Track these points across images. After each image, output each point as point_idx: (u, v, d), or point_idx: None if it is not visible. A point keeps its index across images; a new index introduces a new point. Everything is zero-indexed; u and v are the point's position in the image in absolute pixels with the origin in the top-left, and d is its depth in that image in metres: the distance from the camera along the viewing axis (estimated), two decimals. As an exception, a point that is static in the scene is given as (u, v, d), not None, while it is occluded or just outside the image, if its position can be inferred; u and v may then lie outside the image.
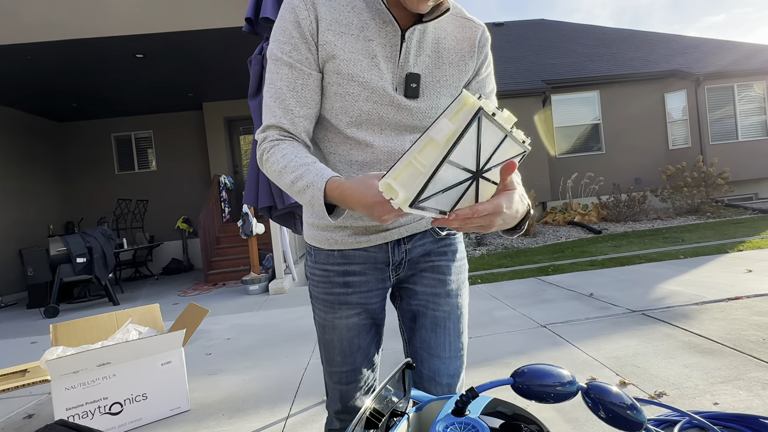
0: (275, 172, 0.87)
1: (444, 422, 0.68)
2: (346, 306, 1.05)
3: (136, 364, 2.27)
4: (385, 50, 0.91)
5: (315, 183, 0.80)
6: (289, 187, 0.85)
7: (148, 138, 10.04)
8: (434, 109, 0.96)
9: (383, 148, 0.94)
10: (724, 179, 9.15)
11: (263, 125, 0.91)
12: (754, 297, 3.43)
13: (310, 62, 0.89)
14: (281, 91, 0.89)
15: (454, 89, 0.97)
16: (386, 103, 0.92)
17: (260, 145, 0.92)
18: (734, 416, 1.75)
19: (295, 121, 0.91)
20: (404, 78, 0.92)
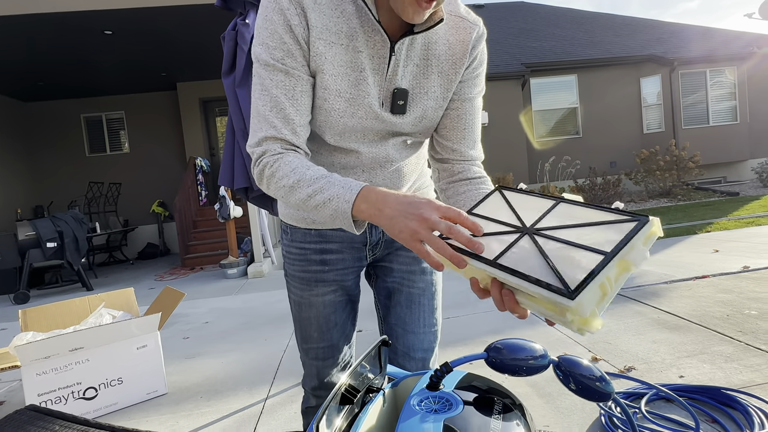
0: (284, 188, 0.79)
1: (418, 396, 0.68)
2: (323, 283, 1.05)
3: (110, 349, 2.23)
4: (372, 62, 0.85)
5: (341, 195, 0.73)
6: (305, 201, 0.77)
7: (120, 119, 9.72)
8: (419, 120, 0.93)
9: (368, 153, 0.94)
10: (695, 163, 9.40)
11: (259, 137, 0.82)
12: (720, 276, 3.56)
13: (305, 68, 0.83)
14: (278, 99, 0.82)
15: (441, 99, 0.92)
16: (371, 118, 0.89)
17: (259, 160, 0.83)
18: (698, 388, 1.83)
19: (297, 131, 0.84)
20: (391, 93, 0.87)
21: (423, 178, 1.11)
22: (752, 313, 2.67)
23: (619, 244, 0.55)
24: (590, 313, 0.53)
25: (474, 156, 0.98)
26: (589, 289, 0.53)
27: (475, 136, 0.97)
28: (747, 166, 10.98)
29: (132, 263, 8.61)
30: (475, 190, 0.94)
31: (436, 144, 0.98)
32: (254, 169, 0.84)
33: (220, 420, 2.05)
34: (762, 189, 9.48)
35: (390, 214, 0.68)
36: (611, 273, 0.54)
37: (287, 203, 0.81)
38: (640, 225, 0.56)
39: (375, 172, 0.97)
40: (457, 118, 0.94)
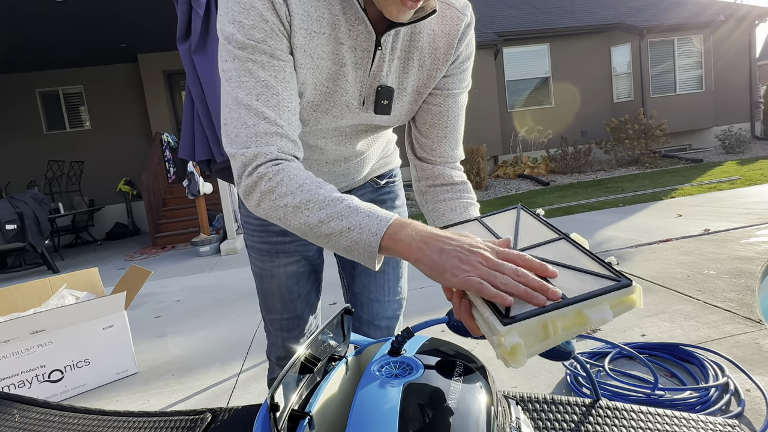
0: (286, 207, 0.65)
1: (380, 362, 0.67)
2: (284, 254, 1.03)
3: (74, 330, 2.17)
4: (355, 55, 0.75)
5: (366, 225, 0.61)
6: (314, 227, 0.64)
7: (79, 94, 9.25)
8: (397, 119, 0.86)
9: (334, 150, 0.88)
10: (662, 131, 9.61)
11: (246, 135, 0.67)
12: (682, 239, 3.69)
13: (289, 49, 0.71)
14: (268, 83, 0.68)
15: (419, 95, 0.84)
16: (348, 117, 0.81)
17: (251, 168, 0.67)
18: (658, 345, 1.91)
19: (293, 123, 0.70)
20: (375, 90, 0.79)
21: (388, 145, 1.08)
22: (710, 273, 2.78)
23: (584, 295, 0.51)
24: (516, 347, 0.50)
25: (455, 157, 0.91)
26: (526, 324, 0.50)
27: (457, 135, 0.89)
28: (711, 134, 11.30)
29: (100, 244, 8.37)
30: (456, 198, 0.88)
31: (416, 141, 0.91)
32: (242, 180, 0.67)
33: (192, 396, 2.03)
34: (724, 155, 9.81)
35: (440, 248, 0.55)
36: (562, 320, 0.51)
37: (286, 226, 0.67)
38: (617, 286, 0.52)
39: (339, 164, 0.93)
40: (439, 115, 0.86)
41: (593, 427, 0.75)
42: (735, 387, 1.57)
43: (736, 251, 3.16)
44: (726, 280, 2.64)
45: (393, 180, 1.11)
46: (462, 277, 0.52)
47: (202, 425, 0.88)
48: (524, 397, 0.86)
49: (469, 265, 0.53)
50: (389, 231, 0.60)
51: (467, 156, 8.89)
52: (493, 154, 10.52)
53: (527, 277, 0.52)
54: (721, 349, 1.85)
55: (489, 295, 0.51)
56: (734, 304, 2.28)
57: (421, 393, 0.60)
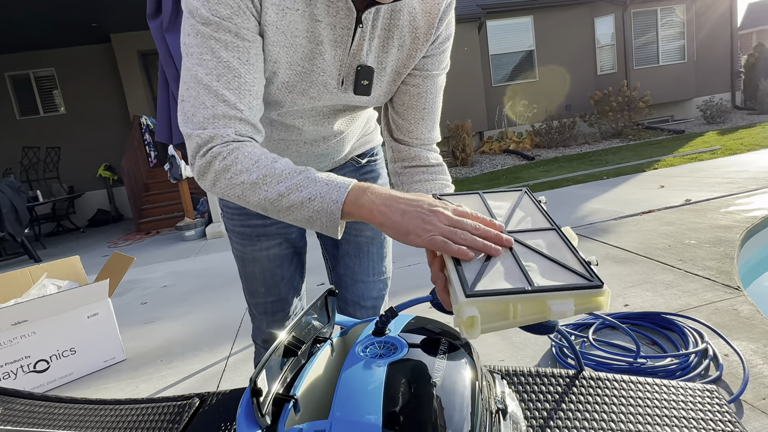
0: (243, 184, 0.64)
1: (363, 343, 0.67)
2: (265, 237, 1.01)
3: (58, 320, 2.14)
4: (334, 33, 0.71)
5: (326, 194, 0.61)
6: (273, 201, 0.63)
7: (51, 77, 8.93)
8: (376, 99, 0.83)
9: (312, 130, 0.85)
10: (645, 103, 9.66)
11: (203, 116, 0.64)
12: (664, 209, 3.75)
13: (257, 29, 0.67)
14: (230, 64, 0.64)
15: (398, 76, 0.81)
16: (326, 98, 0.78)
17: (205, 149, 0.65)
18: (640, 314, 1.95)
19: (254, 106, 0.68)
20: (354, 70, 0.76)
21: (368, 123, 1.05)
22: (691, 243, 2.84)
23: (553, 287, 0.52)
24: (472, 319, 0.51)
25: (432, 139, 0.89)
26: (487, 300, 0.51)
27: (434, 117, 0.88)
28: (693, 105, 11.39)
29: (83, 231, 8.22)
30: (431, 180, 0.87)
31: (393, 122, 0.88)
32: (196, 160, 0.66)
33: (182, 381, 2.03)
34: (705, 126, 9.92)
35: (402, 210, 0.57)
36: (524, 305, 0.52)
37: (245, 203, 0.66)
38: (587, 285, 0.52)
39: (317, 144, 0.90)
40: (417, 96, 0.83)
41: (577, 397, 0.76)
42: (714, 352, 1.62)
43: (716, 220, 3.22)
44: (706, 248, 2.69)
45: (375, 158, 1.09)
46: (426, 237, 0.55)
47: (190, 410, 0.88)
48: (509, 371, 0.87)
49: (431, 224, 0.55)
50: (349, 197, 0.60)
51: (453, 132, 8.85)
52: (478, 130, 10.49)
53: (484, 230, 0.55)
54: (701, 316, 1.90)
55: (452, 251, 0.54)
56: (714, 272, 2.34)
57: (405, 372, 0.60)
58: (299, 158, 0.91)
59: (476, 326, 0.52)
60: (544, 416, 0.73)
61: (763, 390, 1.41)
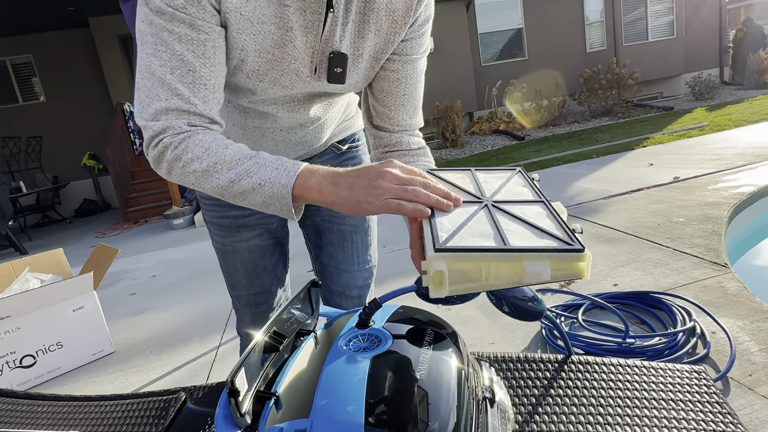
0: (195, 173, 0.63)
1: (347, 336, 0.65)
2: (245, 228, 0.98)
3: (42, 314, 2.10)
4: (304, 18, 0.68)
5: (276, 179, 0.61)
6: (226, 188, 0.63)
7: (29, 64, 8.67)
8: (353, 86, 0.79)
9: (287, 117, 0.82)
10: (635, 80, 9.63)
11: (156, 108, 0.63)
12: (653, 187, 3.76)
13: (215, 19, 0.64)
14: (184, 57, 0.62)
15: (376, 62, 0.78)
16: (299, 87, 0.75)
17: (157, 139, 0.64)
18: (629, 294, 1.96)
19: (209, 100, 0.65)
20: (327, 57, 0.73)
21: (349, 108, 1.02)
22: (680, 221, 2.85)
23: (528, 248, 0.50)
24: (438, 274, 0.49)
25: (413, 125, 0.86)
26: (456, 256, 0.49)
27: (415, 102, 0.85)
28: (681, 81, 11.38)
29: (69, 222, 8.10)
30: (413, 162, 0.84)
31: (372, 109, 0.85)
32: (150, 150, 0.65)
33: (172, 372, 2.02)
34: (694, 102, 9.93)
35: (349, 183, 0.57)
36: (497, 266, 0.50)
37: (202, 190, 0.66)
38: (565, 248, 0.50)
39: (294, 131, 0.87)
40: (396, 82, 0.80)
41: (565, 382, 0.75)
42: (701, 330, 1.63)
43: (704, 197, 3.23)
44: (694, 226, 2.70)
45: (356, 144, 1.06)
46: (378, 203, 0.55)
47: (176, 405, 0.86)
48: (497, 357, 0.86)
49: (381, 188, 0.55)
50: (298, 181, 0.60)
51: (442, 113, 8.77)
52: (468, 111, 10.41)
53: (434, 186, 0.56)
54: (689, 294, 1.91)
55: (407, 211, 0.54)
56: (702, 250, 2.35)
57: (389, 366, 0.58)
58: (276, 146, 0.87)
59: (444, 284, 0.49)
60: (532, 402, 0.73)
61: (750, 367, 1.42)
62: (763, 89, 10.01)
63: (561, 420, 0.68)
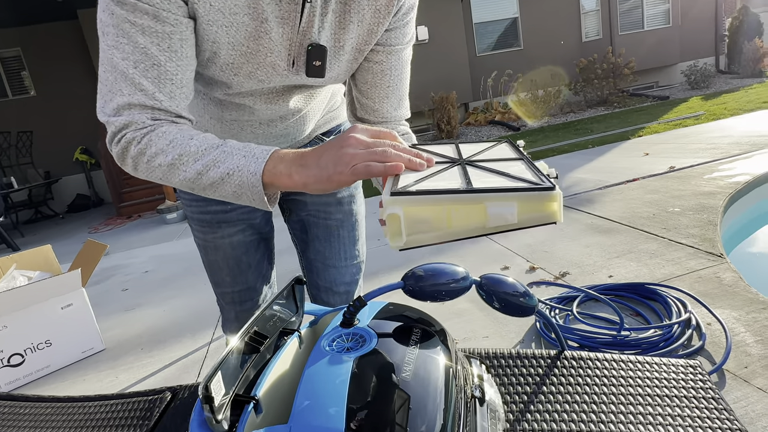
0: (161, 167, 0.60)
1: (330, 336, 0.62)
2: (227, 224, 0.95)
3: (30, 312, 2.06)
4: (280, 9, 0.64)
5: (244, 167, 0.57)
6: (193, 181, 0.60)
7: (18, 57, 8.54)
8: (334, 79, 0.76)
9: (265, 110, 0.78)
10: (630, 69, 9.58)
11: (118, 104, 0.59)
12: (649, 177, 3.74)
13: (182, 10, 0.60)
14: (148, 51, 0.58)
15: (359, 53, 0.74)
16: (276, 81, 0.71)
17: (120, 135, 0.60)
18: (624, 285, 1.94)
19: (176, 95, 0.61)
20: (305, 50, 0.69)
21: (334, 98, 0.98)
22: (675, 210, 2.83)
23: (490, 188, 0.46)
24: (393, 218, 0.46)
25: (399, 116, 0.83)
26: (413, 200, 0.46)
27: (401, 93, 0.81)
28: (677, 70, 11.34)
29: (62, 217, 8.03)
30: None
31: (356, 101, 0.82)
32: (113, 147, 0.62)
33: (163, 369, 1.99)
34: (690, 91, 9.90)
35: (316, 160, 0.54)
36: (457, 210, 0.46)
37: (170, 184, 0.63)
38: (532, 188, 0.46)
39: (274, 124, 0.83)
40: (381, 74, 0.77)
41: (558, 378, 0.73)
42: (696, 322, 1.62)
43: (699, 187, 3.22)
44: (690, 216, 2.69)
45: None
46: (348, 171, 0.52)
47: (161, 405, 0.83)
48: (489, 354, 0.83)
49: (347, 155, 0.53)
50: (267, 167, 0.57)
51: (437, 105, 8.71)
52: (463, 102, 10.35)
53: (403, 147, 0.53)
54: (684, 285, 1.90)
55: (379, 171, 0.51)
56: (697, 240, 2.33)
57: (373, 367, 0.55)
58: (256, 140, 0.84)
59: (400, 232, 0.46)
60: (524, 400, 0.70)
61: (745, 358, 1.41)
62: (758, 78, 9.98)
63: (554, 418, 0.65)
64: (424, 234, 0.47)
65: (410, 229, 0.46)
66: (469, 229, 0.47)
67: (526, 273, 2.32)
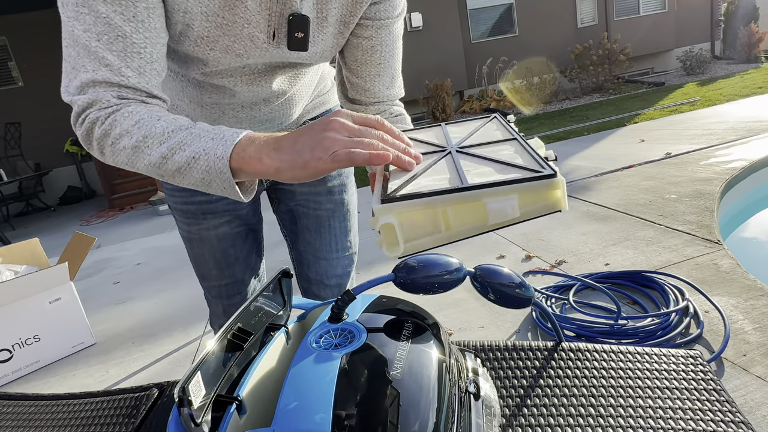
0: (125, 150, 0.55)
1: (317, 332, 0.59)
2: (212, 215, 0.91)
3: (16, 307, 2.02)
4: None
5: (211, 150, 0.52)
6: (159, 166, 0.55)
7: (4, 47, 8.36)
8: (319, 55, 0.71)
9: (247, 92, 0.73)
10: (626, 55, 9.52)
11: (82, 81, 0.54)
12: (645, 164, 3.71)
13: None
14: (111, 22, 0.53)
15: (344, 26, 0.70)
16: (255, 55, 0.66)
17: (83, 115, 0.56)
18: (621, 273, 1.92)
19: (145, 70, 0.56)
20: (286, 20, 0.64)
21: (323, 82, 0.94)
22: (672, 197, 2.81)
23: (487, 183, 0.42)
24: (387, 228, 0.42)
25: (392, 96, 0.78)
26: (406, 205, 0.42)
27: (393, 71, 0.76)
28: (673, 56, 11.28)
29: (54, 210, 7.94)
30: None
31: (347, 81, 0.77)
32: (77, 128, 0.57)
33: (154, 363, 1.96)
34: (685, 77, 9.85)
35: (292, 144, 0.49)
36: (455, 210, 0.43)
37: (136, 170, 0.58)
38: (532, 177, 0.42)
39: (257, 107, 0.78)
40: (371, 50, 0.73)
41: (555, 371, 0.71)
42: (694, 310, 1.60)
43: (696, 173, 3.19)
44: (686, 202, 2.67)
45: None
46: (327, 158, 0.47)
47: (148, 402, 0.81)
48: (484, 346, 0.81)
49: (329, 140, 0.48)
50: (236, 150, 0.52)
51: (432, 92, 8.63)
52: (458, 89, 10.26)
53: (392, 141, 0.49)
54: (682, 272, 1.88)
55: (363, 160, 0.46)
56: (694, 227, 2.31)
57: (361, 365, 0.52)
58: (239, 124, 0.80)
59: (396, 241, 0.42)
60: (520, 394, 0.68)
61: (744, 346, 1.39)
62: (754, 63, 9.95)
63: (551, 412, 0.63)
64: (422, 239, 0.44)
65: (407, 236, 0.43)
66: (470, 228, 0.44)
67: (521, 262, 2.30)
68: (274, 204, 1.01)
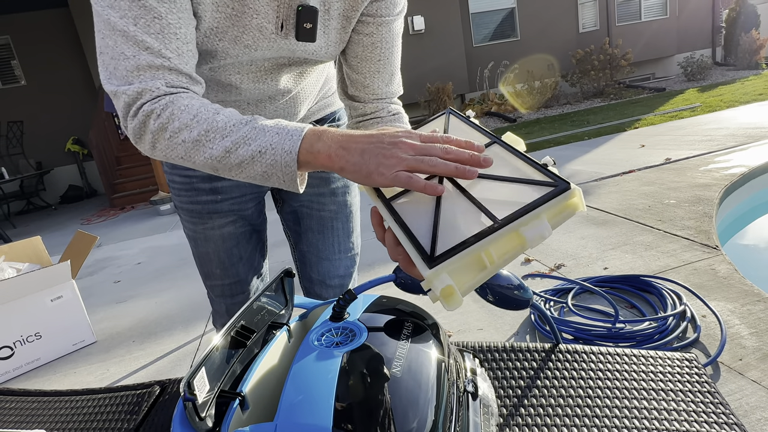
0: (185, 143, 0.55)
1: (319, 331, 0.60)
2: (217, 215, 0.92)
3: (18, 304, 2.03)
4: None
5: (278, 144, 0.53)
6: (221, 159, 0.55)
7: (7, 46, 8.39)
8: (325, 50, 0.72)
9: (253, 88, 0.74)
10: (627, 61, 9.55)
11: (128, 69, 0.55)
12: (645, 169, 3.73)
13: None
14: (149, 5, 0.54)
15: (346, 21, 0.71)
16: (264, 47, 0.67)
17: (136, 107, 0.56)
18: (619, 277, 1.93)
19: (183, 53, 0.57)
20: (295, 11, 0.65)
21: (328, 84, 0.95)
22: (671, 203, 2.83)
23: (518, 212, 0.44)
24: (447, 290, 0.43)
25: (390, 93, 0.80)
26: (454, 261, 0.43)
27: (392, 68, 0.78)
28: (674, 62, 11.31)
29: (55, 209, 7.96)
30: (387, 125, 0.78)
31: (347, 78, 0.79)
32: (129, 121, 0.57)
33: (154, 362, 1.97)
34: (686, 83, 9.88)
35: (361, 149, 0.50)
36: (496, 247, 0.44)
37: (192, 164, 0.58)
38: (554, 193, 0.44)
39: (263, 104, 0.80)
40: (371, 46, 0.74)
41: (552, 372, 0.72)
42: (691, 314, 1.61)
43: (695, 179, 3.21)
44: (685, 208, 2.68)
45: (338, 124, 1.00)
46: (389, 175, 0.49)
47: (150, 399, 0.82)
48: (482, 347, 0.82)
49: (394, 158, 0.49)
50: (304, 145, 0.53)
51: (433, 96, 8.66)
52: (459, 93, 10.29)
53: (456, 152, 0.49)
54: (679, 277, 1.89)
55: (419, 188, 0.48)
56: (692, 232, 2.33)
57: (362, 362, 0.54)
58: None
59: (454, 294, 0.44)
60: (518, 394, 0.69)
61: (740, 351, 1.40)
62: (755, 70, 9.97)
63: (547, 413, 0.64)
64: (472, 281, 0.45)
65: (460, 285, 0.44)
66: (511, 255, 0.46)
67: (521, 265, 2.31)
68: (278, 204, 1.03)
